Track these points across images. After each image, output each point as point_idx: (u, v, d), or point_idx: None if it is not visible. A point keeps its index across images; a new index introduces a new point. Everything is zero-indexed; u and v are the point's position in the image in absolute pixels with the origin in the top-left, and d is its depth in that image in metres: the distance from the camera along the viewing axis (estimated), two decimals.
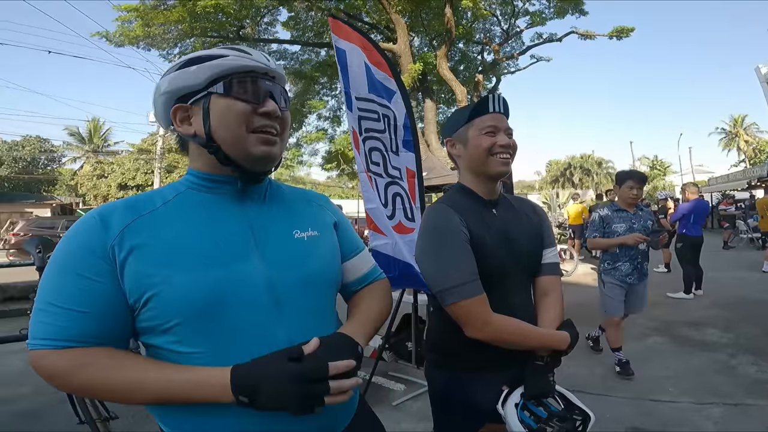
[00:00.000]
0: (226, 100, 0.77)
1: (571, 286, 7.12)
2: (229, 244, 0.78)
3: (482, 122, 1.19)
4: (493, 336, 1.12)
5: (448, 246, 1.12)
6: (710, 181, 23.28)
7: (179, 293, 0.71)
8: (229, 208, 0.82)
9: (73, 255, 0.72)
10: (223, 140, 0.78)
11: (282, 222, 0.86)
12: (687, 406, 2.80)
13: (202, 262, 0.74)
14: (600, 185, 34.42)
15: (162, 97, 0.81)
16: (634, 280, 3.35)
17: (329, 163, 16.36)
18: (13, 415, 2.79)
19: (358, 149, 2.95)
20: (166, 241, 0.74)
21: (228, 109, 0.77)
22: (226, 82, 0.78)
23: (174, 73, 0.79)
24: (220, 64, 0.78)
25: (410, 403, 2.91)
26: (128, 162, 24.83)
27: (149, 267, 0.71)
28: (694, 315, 5.01)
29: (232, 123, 0.77)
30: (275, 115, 0.80)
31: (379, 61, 2.76)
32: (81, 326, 0.69)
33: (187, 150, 0.86)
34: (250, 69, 0.79)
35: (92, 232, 0.73)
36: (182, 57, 0.82)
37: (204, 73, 0.77)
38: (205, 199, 0.81)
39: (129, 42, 10.61)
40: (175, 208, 0.79)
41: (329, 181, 30.49)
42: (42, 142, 28.46)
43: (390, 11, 10.07)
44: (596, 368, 3.49)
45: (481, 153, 1.18)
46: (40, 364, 0.70)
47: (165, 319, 0.72)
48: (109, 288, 0.71)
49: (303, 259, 0.84)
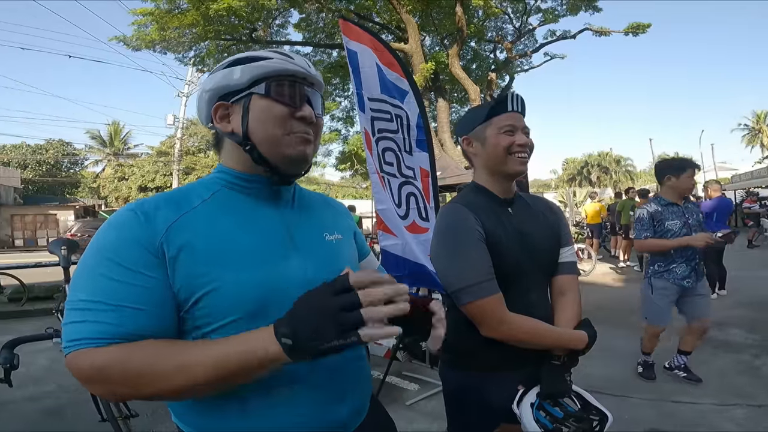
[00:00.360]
0: (266, 101, 0.79)
1: (589, 286, 7.01)
2: (271, 243, 0.79)
3: (501, 121, 1.18)
4: (509, 335, 1.11)
5: (463, 245, 1.11)
6: (734, 179, 22.60)
7: (234, 292, 0.71)
8: (265, 208, 0.83)
9: (119, 249, 0.69)
10: (260, 140, 0.79)
11: (313, 224, 0.89)
12: (709, 408, 2.73)
13: (251, 260, 0.75)
14: (619, 183, 33.75)
15: (206, 95, 0.83)
16: (692, 282, 2.93)
17: (343, 163, 16.44)
18: (38, 413, 2.88)
19: (371, 150, 2.96)
20: (213, 240, 0.74)
21: (267, 110, 0.79)
22: (267, 84, 0.79)
23: (219, 72, 0.81)
24: (264, 65, 0.79)
25: (424, 402, 2.91)
26: (148, 164, 25.41)
27: (200, 266, 0.71)
28: (718, 315, 4.84)
29: (269, 124, 0.79)
30: (310, 121, 0.82)
31: (390, 62, 2.77)
32: (135, 324, 0.67)
33: (221, 148, 0.87)
34: (291, 73, 0.81)
35: (137, 226, 0.71)
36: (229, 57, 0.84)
37: (247, 74, 0.79)
38: (242, 199, 0.82)
39: (145, 46, 10.82)
40: (214, 207, 0.79)
41: (343, 182, 30.64)
42: (65, 145, 29.30)
43: (400, 11, 10.04)
44: (615, 369, 3.42)
45: (500, 152, 1.18)
46: (78, 366, 0.65)
47: (218, 317, 0.71)
48: (162, 284, 0.69)
49: (334, 261, 0.87)
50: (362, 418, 0.89)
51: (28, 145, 28.17)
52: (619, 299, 6.00)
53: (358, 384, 0.88)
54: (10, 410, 2.90)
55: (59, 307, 2.95)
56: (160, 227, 0.71)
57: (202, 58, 11.96)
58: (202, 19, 9.74)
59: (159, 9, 9.98)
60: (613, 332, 4.34)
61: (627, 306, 5.53)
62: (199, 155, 27.07)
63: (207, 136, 28.63)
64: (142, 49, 11.02)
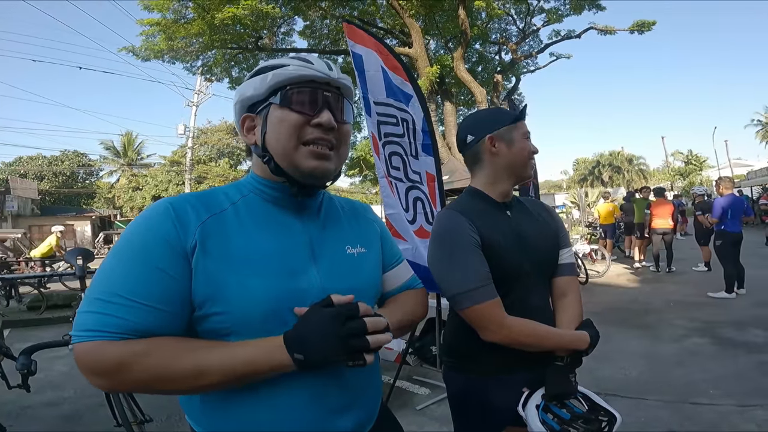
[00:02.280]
0: (282, 110, 0.78)
1: (603, 287, 6.91)
2: (293, 255, 0.79)
3: (524, 127, 1.23)
4: (510, 339, 1.11)
5: (458, 251, 1.12)
6: (749, 175, 22.14)
7: (252, 298, 0.71)
8: (289, 218, 0.83)
9: (149, 247, 0.69)
10: (275, 151, 0.78)
11: (336, 237, 0.88)
12: (728, 409, 2.67)
13: (272, 270, 0.75)
14: (631, 183, 33.27)
15: (236, 107, 0.83)
16: None
17: (351, 169, 16.54)
18: (56, 418, 2.93)
19: (378, 154, 2.97)
20: (239, 245, 0.74)
21: (281, 120, 0.77)
22: (283, 92, 0.78)
23: (245, 83, 0.81)
24: (279, 73, 0.78)
25: (434, 407, 2.89)
26: (161, 174, 25.81)
27: (223, 269, 0.71)
28: (737, 315, 4.77)
29: (282, 134, 0.77)
30: (329, 127, 0.78)
31: (395, 66, 2.78)
32: (156, 323, 0.67)
33: (250, 156, 0.87)
34: (308, 78, 0.79)
35: (168, 224, 0.71)
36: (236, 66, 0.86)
37: (265, 83, 0.78)
38: (268, 207, 0.82)
39: (154, 56, 11.00)
40: (242, 212, 0.79)
41: (352, 188, 30.73)
42: (80, 156, 29.86)
43: (403, 15, 10.07)
44: (631, 371, 3.36)
45: (525, 156, 1.22)
46: (89, 357, 0.65)
47: (232, 322, 0.72)
48: (182, 284, 0.69)
49: (352, 275, 0.86)
50: (372, 424, 0.89)
51: (45, 157, 28.75)
52: (634, 300, 5.90)
53: (365, 395, 0.87)
54: (29, 415, 2.96)
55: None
56: (191, 227, 0.72)
57: (210, 67, 12.14)
58: (208, 28, 9.87)
59: (166, 19, 10.16)
60: (627, 334, 4.29)
61: (641, 307, 5.46)
62: (210, 164, 27.43)
63: (217, 146, 29.10)
64: (151, 59, 11.21)
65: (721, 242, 5.71)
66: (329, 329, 0.69)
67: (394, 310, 0.93)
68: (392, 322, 0.82)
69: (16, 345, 1.73)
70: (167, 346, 0.67)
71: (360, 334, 0.69)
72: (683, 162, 35.79)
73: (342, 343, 0.68)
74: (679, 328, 4.41)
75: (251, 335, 0.71)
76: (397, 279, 1.00)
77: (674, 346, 3.92)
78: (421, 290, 1.06)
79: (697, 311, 5.00)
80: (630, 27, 11.47)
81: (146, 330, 0.67)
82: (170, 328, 0.69)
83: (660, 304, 5.51)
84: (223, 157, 28.77)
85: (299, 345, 0.69)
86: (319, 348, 0.68)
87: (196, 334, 0.74)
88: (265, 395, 0.74)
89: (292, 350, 0.69)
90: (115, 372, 0.65)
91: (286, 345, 0.69)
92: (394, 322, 0.86)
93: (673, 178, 32.01)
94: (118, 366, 0.64)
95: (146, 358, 0.65)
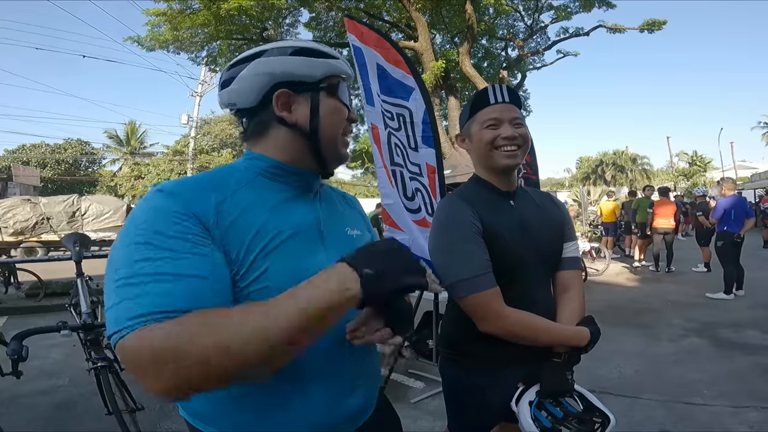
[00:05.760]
0: (334, 100, 0.82)
1: (602, 285, 6.90)
2: (302, 237, 0.79)
3: (484, 115, 1.16)
4: (507, 330, 1.08)
5: (458, 239, 1.09)
6: (753, 177, 22.03)
7: (277, 280, 0.70)
8: (299, 200, 0.83)
9: (174, 220, 0.64)
10: (326, 137, 0.82)
11: (337, 219, 0.90)
12: (722, 410, 2.67)
13: (282, 253, 0.74)
14: (635, 182, 33.11)
15: (261, 78, 0.77)
16: None
17: (354, 161, 16.48)
18: (49, 406, 2.93)
19: (379, 144, 2.96)
20: (257, 226, 0.72)
21: (336, 110, 0.83)
22: (334, 83, 0.82)
23: (285, 58, 0.78)
24: (335, 65, 0.82)
25: (428, 401, 2.89)
26: (163, 163, 25.80)
27: (248, 252, 0.70)
28: (735, 316, 4.77)
29: (337, 124, 0.83)
30: (355, 121, 0.89)
31: (396, 59, 2.76)
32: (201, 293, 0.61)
33: (262, 135, 0.82)
34: (348, 75, 0.86)
35: (184, 202, 0.67)
36: (288, 42, 0.82)
37: (321, 69, 0.80)
38: (277, 189, 0.81)
39: (159, 46, 10.99)
40: (253, 195, 0.77)
41: (354, 180, 30.70)
42: (83, 144, 29.86)
43: (410, 9, 9.99)
44: (627, 370, 3.36)
45: (483, 147, 1.15)
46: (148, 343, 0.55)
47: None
48: (220, 255, 0.67)
49: None
50: (370, 413, 0.89)
51: (47, 145, 28.76)
52: (632, 299, 5.89)
53: (369, 378, 0.88)
54: (23, 404, 2.95)
55: (72, 302, 3.01)
56: (209, 207, 0.68)
57: (215, 58, 12.11)
58: (214, 18, 9.84)
59: (171, 9, 10.13)
60: (624, 332, 4.28)
61: (640, 306, 5.45)
62: (212, 154, 27.40)
63: (220, 135, 29.06)
64: (156, 49, 11.20)
65: (722, 243, 5.69)
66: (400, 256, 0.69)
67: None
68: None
69: (13, 332, 1.72)
70: (221, 314, 0.59)
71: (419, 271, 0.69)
72: (688, 163, 35.58)
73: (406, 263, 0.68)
74: (677, 328, 4.41)
75: None
76: None
77: (671, 346, 3.92)
78: None
79: (694, 311, 5.00)
80: (640, 26, 11.34)
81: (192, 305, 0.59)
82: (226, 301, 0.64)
83: (658, 304, 5.51)
84: (226, 147, 28.72)
85: (368, 262, 0.65)
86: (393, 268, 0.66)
87: None
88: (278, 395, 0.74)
89: (363, 266, 0.64)
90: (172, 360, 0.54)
91: (355, 261, 0.64)
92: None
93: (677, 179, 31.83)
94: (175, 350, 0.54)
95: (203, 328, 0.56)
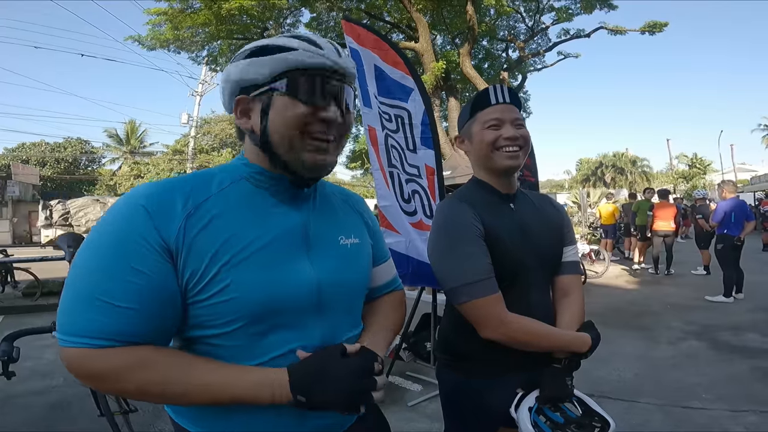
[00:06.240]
0: (288, 99, 0.72)
1: (601, 287, 6.89)
2: (283, 244, 0.75)
3: (485, 115, 1.14)
4: (508, 337, 1.06)
5: (460, 242, 1.07)
6: (752, 180, 22.06)
7: (238, 293, 0.68)
8: (283, 206, 0.79)
9: (123, 244, 0.64)
10: (277, 142, 0.73)
11: (330, 226, 0.85)
12: (720, 414, 2.66)
13: (259, 261, 0.71)
14: (634, 184, 33.13)
15: (228, 86, 0.77)
16: None
17: (353, 162, 16.48)
18: (43, 407, 2.91)
19: (376, 146, 2.94)
20: (225, 235, 0.70)
21: (287, 111, 0.72)
22: (290, 80, 0.72)
23: (241, 62, 0.74)
24: (286, 59, 0.71)
25: (426, 404, 2.87)
26: (163, 162, 25.78)
27: (209, 263, 0.68)
28: (735, 319, 4.76)
29: (289, 126, 0.72)
30: (335, 122, 0.74)
31: (395, 60, 2.74)
32: (132, 324, 0.64)
33: (241, 140, 0.83)
34: (317, 66, 0.72)
35: (145, 218, 0.65)
36: (251, 43, 0.77)
37: (268, 67, 0.71)
38: (260, 194, 0.77)
39: (160, 45, 11.00)
40: (232, 199, 0.74)
41: (354, 181, 30.69)
42: (83, 143, 29.83)
43: (411, 10, 10.00)
44: (625, 373, 3.35)
45: (484, 148, 1.13)
46: (80, 364, 0.64)
47: (220, 319, 0.69)
48: (164, 283, 0.66)
49: (346, 266, 0.83)
50: (353, 421, 0.86)
51: (47, 143, 28.72)
52: (631, 301, 5.88)
53: None
54: (16, 404, 2.93)
55: None
56: (175, 218, 0.67)
57: (215, 57, 12.12)
58: (215, 18, 9.84)
59: (172, 8, 10.13)
60: (623, 335, 4.27)
61: (639, 309, 5.44)
62: (212, 153, 27.38)
63: (220, 135, 29.05)
64: (157, 48, 11.21)
65: (722, 246, 5.69)
66: (344, 385, 0.69)
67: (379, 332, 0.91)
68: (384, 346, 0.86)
69: (8, 332, 1.70)
70: (160, 363, 0.66)
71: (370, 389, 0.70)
72: (687, 165, 35.62)
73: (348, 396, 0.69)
74: (676, 331, 4.40)
75: (239, 338, 0.70)
76: (383, 277, 0.99)
77: (670, 349, 3.91)
78: (401, 293, 1.05)
79: (694, 314, 4.99)
80: (641, 27, 11.36)
81: (136, 334, 0.64)
82: (163, 330, 0.68)
83: (657, 307, 5.50)
84: (225, 147, 28.71)
85: (306, 388, 0.68)
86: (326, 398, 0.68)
87: (186, 331, 0.72)
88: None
89: (297, 392, 0.68)
90: (102, 382, 0.65)
91: (292, 385, 0.68)
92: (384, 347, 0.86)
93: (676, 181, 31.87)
94: (102, 379, 0.65)
95: (136, 373, 0.64)
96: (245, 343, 0.71)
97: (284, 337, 0.74)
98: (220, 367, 0.69)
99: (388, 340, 0.91)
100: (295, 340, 0.74)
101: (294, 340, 0.74)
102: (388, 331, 0.93)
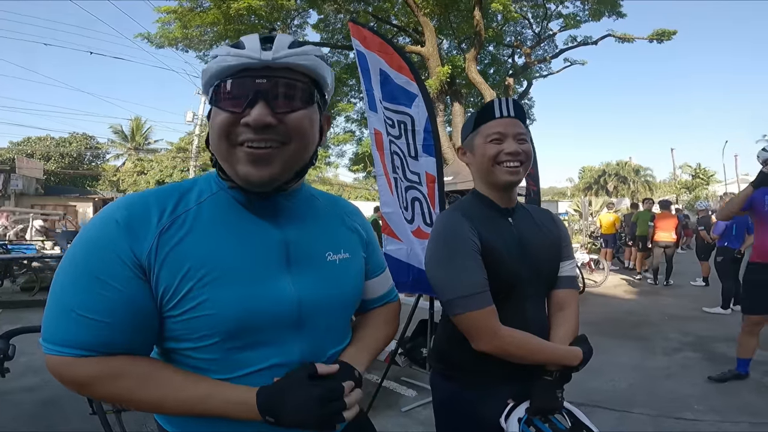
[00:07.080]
0: (215, 109, 0.69)
1: (600, 297, 6.88)
2: (265, 259, 0.74)
3: (488, 129, 1.13)
4: (502, 349, 1.08)
5: (456, 255, 1.08)
6: None
7: (213, 310, 0.68)
8: (262, 220, 0.76)
9: (97, 259, 0.65)
10: (217, 157, 0.71)
11: (316, 242, 0.81)
12: (711, 425, 2.66)
13: (236, 277, 0.70)
14: (637, 194, 33.04)
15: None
16: None
17: (356, 164, 16.48)
18: (35, 403, 2.92)
19: (381, 151, 2.94)
20: (200, 251, 0.69)
21: (213, 122, 0.69)
22: (214, 89, 0.69)
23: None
24: (209, 69, 0.69)
25: (420, 410, 2.88)
26: (166, 160, 25.85)
27: (183, 279, 0.67)
28: (731, 331, 4.70)
29: (215, 137, 0.68)
30: (260, 125, 0.65)
31: (400, 65, 2.75)
32: (105, 336, 0.65)
33: None
34: (240, 68, 0.66)
35: (118, 233, 0.66)
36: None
37: (205, 77, 0.70)
38: (238, 208, 0.75)
39: (169, 43, 11.08)
40: (208, 213, 0.73)
41: (356, 183, 30.71)
42: (88, 139, 29.92)
43: (418, 14, 10.03)
44: (620, 383, 3.35)
45: (485, 162, 1.13)
46: (61, 371, 0.67)
47: (195, 334, 0.69)
48: (136, 297, 0.66)
49: (332, 283, 0.81)
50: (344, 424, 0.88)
51: (53, 138, 28.85)
52: (629, 311, 5.88)
53: None
54: (7, 400, 2.94)
55: None
56: (149, 233, 0.67)
57: None
58: (223, 17, 9.91)
59: (182, 7, 10.22)
60: (620, 345, 4.27)
61: (636, 319, 5.44)
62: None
63: None
64: (165, 46, 11.29)
65: (722, 258, 5.67)
66: (309, 408, 0.68)
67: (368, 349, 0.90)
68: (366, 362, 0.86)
69: (6, 327, 1.72)
70: (134, 374, 0.68)
71: (338, 411, 0.70)
72: (691, 175, 35.51)
73: (317, 418, 0.69)
74: (673, 342, 4.40)
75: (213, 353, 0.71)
76: (378, 289, 0.98)
77: (665, 360, 3.92)
78: (395, 305, 1.04)
79: (691, 325, 4.99)
80: (650, 35, 11.35)
81: (111, 345, 0.66)
82: (138, 341, 0.69)
83: (655, 317, 5.49)
84: None
85: (273, 411, 0.69)
86: (294, 420, 0.69)
87: (163, 342, 0.73)
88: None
89: (265, 413, 0.69)
90: (81, 388, 0.69)
91: (260, 407, 0.69)
92: (366, 362, 0.86)
93: (679, 192, 31.77)
94: (88, 383, 0.68)
95: (116, 380, 0.67)
96: (221, 356, 0.71)
97: (262, 354, 0.73)
98: (195, 381, 0.70)
99: (373, 354, 0.91)
100: (273, 356, 0.74)
101: (272, 356, 0.74)
102: (377, 344, 0.93)
